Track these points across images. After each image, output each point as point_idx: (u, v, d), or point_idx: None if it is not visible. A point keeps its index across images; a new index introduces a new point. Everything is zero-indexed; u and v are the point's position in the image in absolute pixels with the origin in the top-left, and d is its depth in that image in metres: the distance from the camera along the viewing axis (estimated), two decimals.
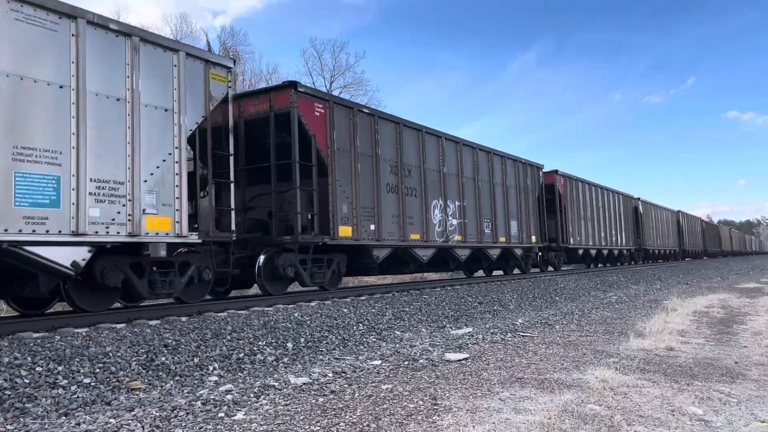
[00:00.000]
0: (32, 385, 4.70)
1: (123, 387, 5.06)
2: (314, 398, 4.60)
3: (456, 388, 4.82)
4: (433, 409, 4.20)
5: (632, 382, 4.90)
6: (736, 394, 4.65)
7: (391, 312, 9.27)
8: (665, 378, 5.18)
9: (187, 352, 5.95)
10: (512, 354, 6.48)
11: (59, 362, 5.09)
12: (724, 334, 7.93)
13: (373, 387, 4.95)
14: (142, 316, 7.06)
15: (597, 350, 6.61)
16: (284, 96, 9.93)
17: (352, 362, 6.16)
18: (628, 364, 5.74)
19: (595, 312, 10.85)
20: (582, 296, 14.73)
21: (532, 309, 11.87)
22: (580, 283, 16.80)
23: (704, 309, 10.88)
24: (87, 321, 6.59)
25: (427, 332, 8.60)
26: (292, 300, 9.28)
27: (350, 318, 8.38)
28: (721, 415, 4.06)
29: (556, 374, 5.35)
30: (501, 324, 9.10)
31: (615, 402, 4.31)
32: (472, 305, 11.10)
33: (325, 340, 7.32)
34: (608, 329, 8.40)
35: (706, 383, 5.01)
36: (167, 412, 4.22)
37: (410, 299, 10.48)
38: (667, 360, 6.02)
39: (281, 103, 9.94)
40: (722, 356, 6.28)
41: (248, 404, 4.45)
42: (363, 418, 4.00)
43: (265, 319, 7.48)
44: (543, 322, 9.31)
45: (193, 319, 7.09)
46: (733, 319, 9.49)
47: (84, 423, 4.05)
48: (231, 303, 8.60)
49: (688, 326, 8.48)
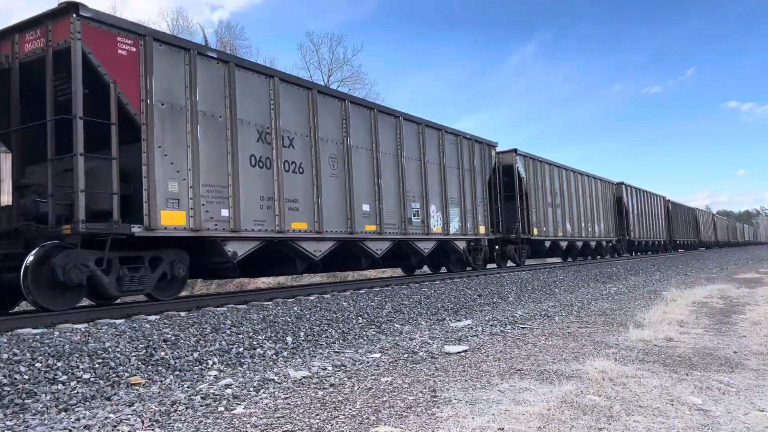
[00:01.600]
0: (31, 381, 4.70)
1: (122, 382, 5.06)
2: (314, 392, 4.61)
3: (455, 380, 4.83)
4: (433, 401, 4.20)
5: (631, 373, 4.91)
6: (735, 383, 4.66)
7: (391, 305, 9.28)
8: (664, 368, 5.19)
9: (186, 346, 5.95)
10: (511, 346, 6.49)
11: (58, 358, 5.09)
12: (723, 324, 7.94)
13: (373, 380, 4.95)
14: (142, 312, 7.06)
15: (596, 341, 6.62)
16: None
17: (352, 355, 6.16)
18: (628, 355, 5.75)
19: (594, 303, 10.86)
20: (581, 288, 14.75)
21: (531, 301, 11.89)
22: (579, 275, 16.83)
23: (703, 299, 10.90)
24: (86, 317, 6.58)
25: (426, 325, 8.61)
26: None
27: (349, 311, 8.38)
28: (720, 404, 4.06)
29: (555, 365, 5.36)
30: (500, 316, 9.11)
31: (614, 392, 4.32)
32: (472, 298, 11.11)
33: (325, 334, 7.32)
34: (607, 320, 8.41)
35: (705, 373, 5.01)
36: (167, 406, 4.23)
37: (409, 292, 10.49)
38: (666, 350, 6.02)
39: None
40: (721, 346, 6.29)
41: (248, 398, 4.46)
42: (363, 410, 4.01)
43: (264, 313, 7.48)
44: (542, 313, 9.32)
45: (192, 314, 7.09)
46: (732, 310, 9.50)
47: (84, 418, 4.05)
48: (230, 297, 8.60)
49: (687, 317, 8.49)
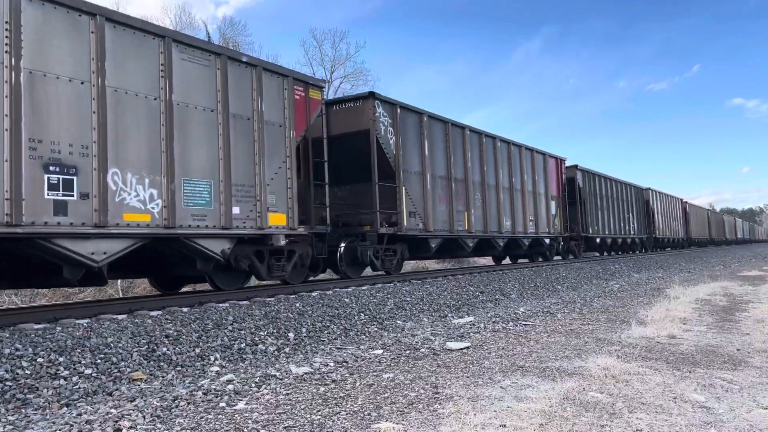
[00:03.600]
0: (33, 376, 4.71)
1: (124, 377, 5.06)
2: (315, 387, 4.60)
3: (457, 377, 4.82)
4: (435, 397, 4.19)
5: (634, 370, 4.89)
6: (739, 381, 4.64)
7: (393, 301, 9.26)
8: (667, 365, 5.17)
9: (188, 342, 5.95)
10: (514, 343, 6.47)
11: (60, 353, 5.09)
12: (727, 321, 7.91)
13: (375, 376, 4.94)
14: (144, 307, 7.06)
15: (599, 338, 6.60)
16: None
17: (354, 352, 6.16)
18: (630, 352, 5.73)
19: (597, 300, 10.84)
20: (584, 285, 14.72)
21: (534, 298, 11.87)
22: (582, 272, 16.78)
23: (707, 297, 10.86)
24: (88, 312, 6.59)
25: (428, 321, 8.60)
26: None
27: (352, 308, 8.37)
28: (724, 402, 4.05)
29: (557, 362, 5.34)
30: (503, 313, 9.09)
31: (617, 390, 4.30)
32: (474, 294, 11.09)
33: (327, 330, 7.31)
34: (610, 317, 8.39)
35: (708, 370, 4.99)
36: (168, 402, 4.23)
37: (412, 289, 10.47)
38: (669, 347, 6.00)
39: None
40: (724, 344, 6.26)
41: (249, 394, 4.46)
42: (364, 406, 4.00)
43: (266, 309, 7.47)
44: (545, 310, 9.30)
45: (194, 310, 7.09)
46: (736, 307, 9.47)
47: (85, 413, 4.05)
48: (232, 294, 8.60)
49: (691, 314, 8.47)
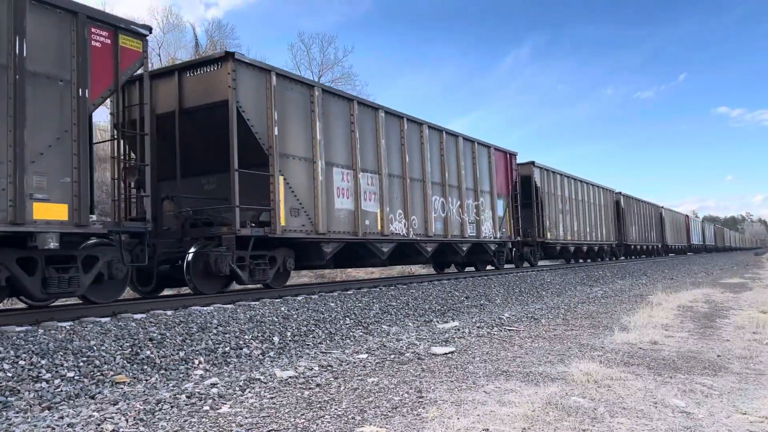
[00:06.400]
0: (15, 379, 4.66)
1: (107, 380, 5.02)
2: (300, 391, 4.60)
3: (441, 381, 4.84)
4: (419, 401, 4.21)
5: (616, 375, 4.95)
6: (719, 386, 4.70)
7: (378, 306, 9.28)
8: (649, 371, 5.23)
9: (172, 345, 5.92)
10: (498, 348, 6.51)
11: (42, 356, 5.05)
12: (708, 328, 8.02)
13: (359, 380, 4.95)
14: (128, 310, 7.01)
15: (582, 344, 6.66)
16: None
17: (339, 356, 6.16)
18: (613, 358, 5.79)
19: (580, 306, 10.92)
20: (568, 291, 14.83)
21: (518, 304, 11.94)
22: (567, 278, 16.91)
23: (688, 303, 10.99)
24: (71, 315, 6.53)
25: (413, 326, 8.62)
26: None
27: (337, 312, 8.37)
28: (703, 407, 4.11)
29: (541, 367, 5.39)
30: (487, 318, 9.14)
31: (599, 394, 4.35)
32: (459, 300, 11.14)
33: (312, 334, 7.31)
34: (593, 323, 8.46)
35: (688, 376, 5.06)
36: (152, 405, 4.20)
37: (397, 293, 10.49)
38: (650, 353, 6.07)
39: None
40: (705, 350, 6.35)
41: (233, 397, 4.44)
42: (348, 410, 4.01)
43: (251, 313, 7.45)
44: (529, 316, 9.37)
45: (179, 313, 7.05)
46: (717, 314, 9.59)
47: (67, 416, 4.02)
48: (217, 297, 8.56)
49: (672, 320, 8.57)
